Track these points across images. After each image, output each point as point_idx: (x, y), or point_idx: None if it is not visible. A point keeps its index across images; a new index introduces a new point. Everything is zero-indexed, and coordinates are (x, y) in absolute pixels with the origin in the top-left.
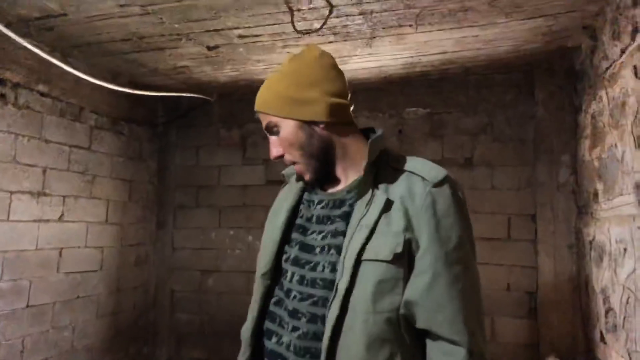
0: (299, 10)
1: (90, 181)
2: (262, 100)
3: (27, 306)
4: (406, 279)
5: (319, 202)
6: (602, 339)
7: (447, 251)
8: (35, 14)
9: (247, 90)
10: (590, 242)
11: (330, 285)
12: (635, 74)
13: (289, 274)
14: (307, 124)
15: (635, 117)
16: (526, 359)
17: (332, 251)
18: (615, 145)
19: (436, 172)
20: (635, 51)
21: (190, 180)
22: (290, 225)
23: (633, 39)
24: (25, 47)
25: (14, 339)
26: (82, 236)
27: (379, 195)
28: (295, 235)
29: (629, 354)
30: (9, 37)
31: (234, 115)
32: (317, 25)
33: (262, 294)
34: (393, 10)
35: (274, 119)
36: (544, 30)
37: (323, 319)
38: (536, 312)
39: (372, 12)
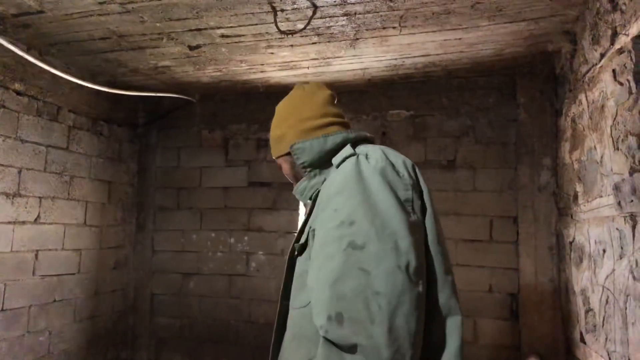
0: (282, 10)
1: (68, 182)
2: (270, 142)
3: (2, 310)
4: None
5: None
6: (582, 339)
7: (326, 231)
8: (12, 10)
9: (229, 91)
10: (570, 244)
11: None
12: (615, 78)
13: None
14: (288, 155)
15: (614, 120)
16: None
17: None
18: (595, 147)
19: (346, 153)
20: (614, 55)
21: (171, 181)
22: None
23: (612, 43)
24: (0, 45)
25: None
26: (59, 238)
27: (315, 196)
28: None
29: (608, 354)
30: None
31: (217, 116)
32: (300, 25)
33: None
34: (377, 12)
35: (276, 159)
36: (525, 34)
37: None
38: (517, 314)
39: (355, 13)
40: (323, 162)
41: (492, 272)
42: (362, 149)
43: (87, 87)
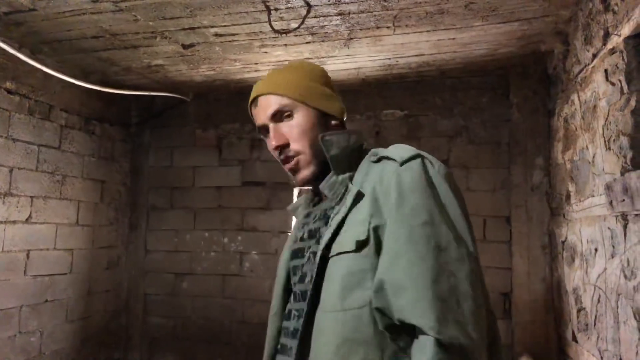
0: (276, 9)
1: (60, 181)
2: (273, 83)
3: None
4: (375, 267)
5: (314, 218)
6: (574, 338)
7: (411, 228)
8: (4, 8)
9: (223, 90)
10: (563, 243)
11: None
12: (607, 78)
13: (291, 297)
14: (324, 116)
15: (606, 120)
16: None
17: (312, 258)
18: (587, 147)
19: (406, 151)
20: (606, 55)
21: (164, 181)
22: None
23: (604, 43)
24: None
25: None
26: (51, 238)
27: (352, 190)
28: (294, 262)
29: (600, 353)
30: None
31: (210, 115)
32: (294, 25)
33: (275, 332)
34: (370, 12)
35: (289, 103)
36: (518, 34)
37: None
38: (510, 313)
39: (349, 12)
40: (346, 160)
41: (485, 271)
42: (400, 150)
43: (79, 85)
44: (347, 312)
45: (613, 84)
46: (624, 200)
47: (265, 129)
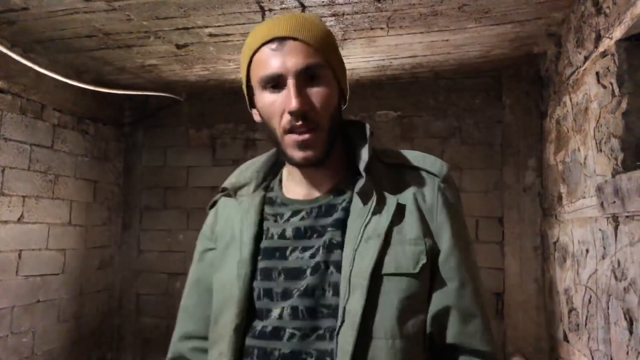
0: (270, 10)
1: (52, 181)
2: (308, 30)
3: None
4: (429, 292)
5: (295, 213)
6: (566, 338)
7: (466, 254)
8: None
9: (217, 90)
10: (554, 244)
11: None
12: (598, 81)
13: (274, 313)
14: (341, 94)
15: (597, 122)
16: None
17: (332, 269)
18: (578, 149)
19: (440, 164)
20: (597, 58)
21: (158, 181)
22: (256, 254)
23: (596, 46)
24: None
25: None
26: (44, 238)
27: (388, 198)
28: (270, 263)
29: (591, 353)
30: None
31: (204, 115)
32: None
33: (236, 352)
34: (365, 13)
35: (323, 64)
36: (511, 36)
37: (332, 355)
38: (502, 313)
39: (343, 13)
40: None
41: None
42: (434, 162)
43: (72, 85)
44: (404, 339)
45: (604, 87)
46: (614, 202)
47: (278, 81)
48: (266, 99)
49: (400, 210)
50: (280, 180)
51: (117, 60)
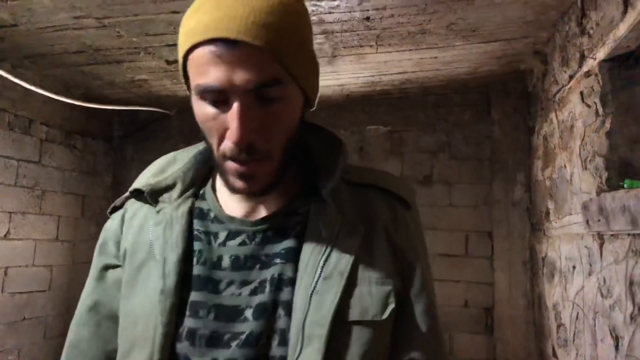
0: None
1: (39, 196)
2: (270, 28)
3: None
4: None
5: (233, 235)
6: (554, 354)
7: (431, 290)
8: None
9: None
10: (543, 259)
11: None
12: (582, 100)
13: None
14: (305, 102)
15: (582, 140)
16: None
17: (280, 312)
18: (565, 166)
19: (410, 189)
20: (582, 78)
21: None
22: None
23: (580, 65)
24: None
25: None
26: (30, 254)
27: (352, 227)
28: (199, 296)
29: None
30: None
31: (194, 129)
32: None
33: None
34: (354, 31)
35: (281, 77)
36: (498, 54)
37: None
38: (492, 328)
39: (333, 32)
40: None
41: (468, 286)
42: (403, 187)
43: (60, 100)
44: None
45: (589, 106)
46: (599, 220)
47: (220, 97)
48: (203, 110)
49: (367, 242)
50: (214, 187)
51: (107, 75)
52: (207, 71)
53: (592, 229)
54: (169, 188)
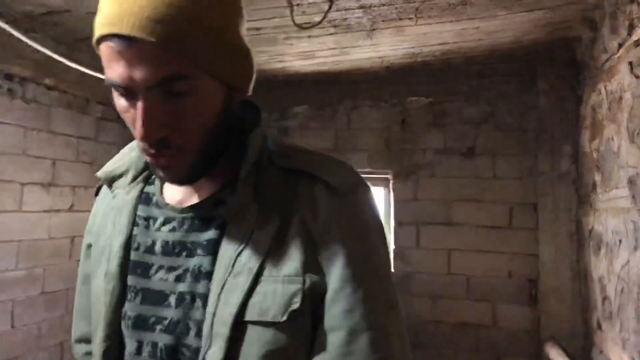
0: (298, 5)
1: (97, 171)
2: (169, 23)
3: (42, 293)
4: (309, 342)
5: (167, 221)
6: (599, 326)
7: (367, 292)
8: (40, 10)
9: None
10: (590, 232)
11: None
12: (631, 70)
13: (131, 346)
14: (230, 90)
15: (630, 113)
16: (526, 345)
17: (198, 303)
18: (612, 138)
19: (345, 173)
20: (631, 47)
21: None
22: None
23: (629, 34)
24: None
25: (30, 324)
26: None
27: (267, 216)
28: (132, 280)
29: (622, 342)
30: (12, 34)
31: None
32: (317, 18)
33: None
34: (392, 4)
35: (185, 72)
36: (544, 22)
37: None
38: (537, 299)
39: (371, 5)
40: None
41: (512, 258)
42: (337, 170)
43: None
44: None
45: (637, 77)
46: None
47: (128, 92)
48: (118, 101)
49: (281, 235)
50: None
51: None
52: (111, 66)
53: (638, 205)
54: (123, 174)
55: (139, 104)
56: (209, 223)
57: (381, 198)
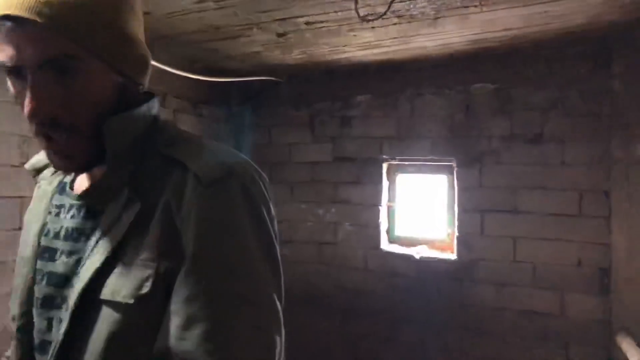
0: None
1: None
2: (57, 4)
3: None
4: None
5: (70, 208)
6: None
7: (212, 284)
8: None
9: (314, 71)
10: None
11: None
12: None
13: (41, 324)
14: (123, 77)
15: None
16: (596, 335)
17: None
18: None
19: (212, 166)
20: None
21: (264, 157)
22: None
23: None
24: None
25: None
26: None
27: (133, 201)
28: (40, 264)
29: None
30: None
31: (303, 95)
32: (381, 10)
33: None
34: None
35: (72, 52)
36: (619, 2)
37: None
38: (608, 289)
39: None
40: (130, 151)
41: (582, 246)
42: (209, 160)
43: (187, 75)
44: None
45: None
46: None
47: (19, 72)
48: (12, 86)
49: (143, 220)
50: None
51: (225, 49)
52: (2, 48)
53: None
54: (47, 165)
55: (28, 82)
56: (95, 209)
57: (444, 186)
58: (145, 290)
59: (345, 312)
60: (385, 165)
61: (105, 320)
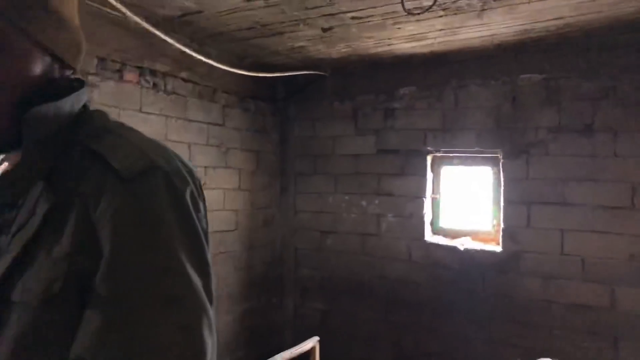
0: None
1: (224, 153)
2: None
3: None
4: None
5: None
6: None
7: (129, 284)
8: (177, 12)
9: (358, 64)
10: None
11: None
12: None
13: None
14: (53, 60)
15: None
16: None
17: None
18: None
19: (136, 157)
20: None
21: (308, 149)
22: None
23: None
24: (167, 42)
25: None
26: (221, 201)
27: (45, 195)
28: None
29: None
30: (156, 35)
31: (346, 88)
32: (427, 3)
33: None
34: None
35: None
36: None
37: None
38: None
39: None
40: (51, 143)
41: (635, 240)
42: (128, 152)
43: (235, 71)
44: None
45: None
46: None
47: None
48: None
49: (59, 216)
50: None
51: (271, 45)
52: None
53: None
54: None
55: None
56: (13, 200)
57: (490, 177)
58: (55, 289)
59: (389, 302)
60: (429, 157)
61: (16, 322)
